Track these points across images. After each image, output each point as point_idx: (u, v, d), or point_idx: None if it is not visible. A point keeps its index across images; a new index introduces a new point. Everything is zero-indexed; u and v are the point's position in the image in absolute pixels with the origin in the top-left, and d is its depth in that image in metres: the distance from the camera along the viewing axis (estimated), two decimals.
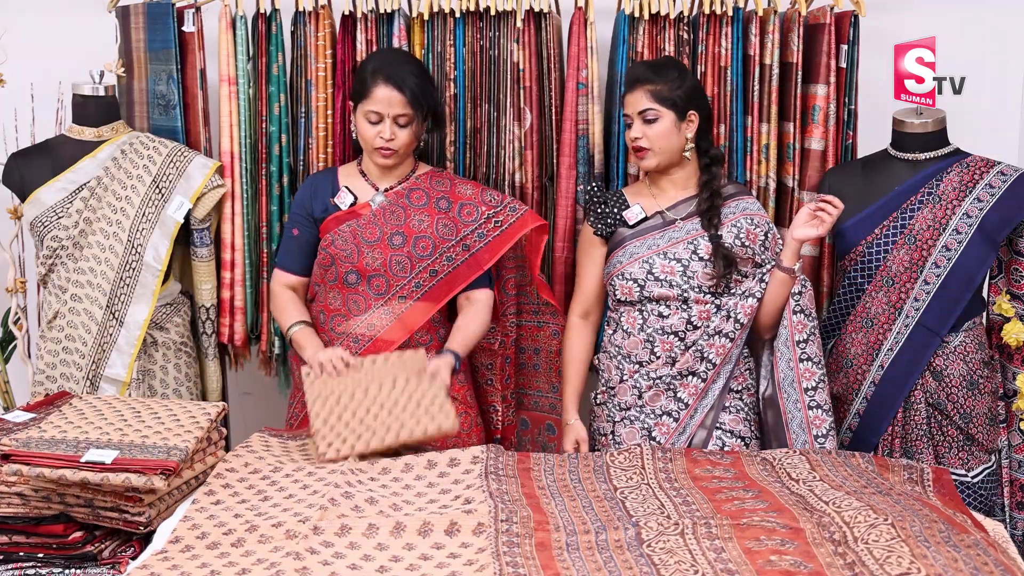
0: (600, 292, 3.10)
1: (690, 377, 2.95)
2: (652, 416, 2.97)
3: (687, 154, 2.99)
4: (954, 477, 3.05)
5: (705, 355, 2.94)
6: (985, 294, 3.18)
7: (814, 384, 2.92)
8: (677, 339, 2.95)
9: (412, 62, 3.11)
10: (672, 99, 2.94)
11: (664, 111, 2.94)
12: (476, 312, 3.10)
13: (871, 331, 3.11)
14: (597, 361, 3.11)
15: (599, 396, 3.06)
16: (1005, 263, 3.14)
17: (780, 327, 2.96)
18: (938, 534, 2.12)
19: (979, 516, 2.41)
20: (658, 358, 2.96)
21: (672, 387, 2.96)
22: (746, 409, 3.02)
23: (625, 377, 2.99)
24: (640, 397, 2.97)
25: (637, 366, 2.98)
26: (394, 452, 2.76)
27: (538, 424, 3.34)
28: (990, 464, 3.11)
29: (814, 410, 2.91)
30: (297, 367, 3.09)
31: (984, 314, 3.17)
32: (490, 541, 2.18)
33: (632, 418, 2.98)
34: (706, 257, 2.95)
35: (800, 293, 2.94)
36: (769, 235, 3.03)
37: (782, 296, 2.95)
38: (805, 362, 2.92)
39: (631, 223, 3.03)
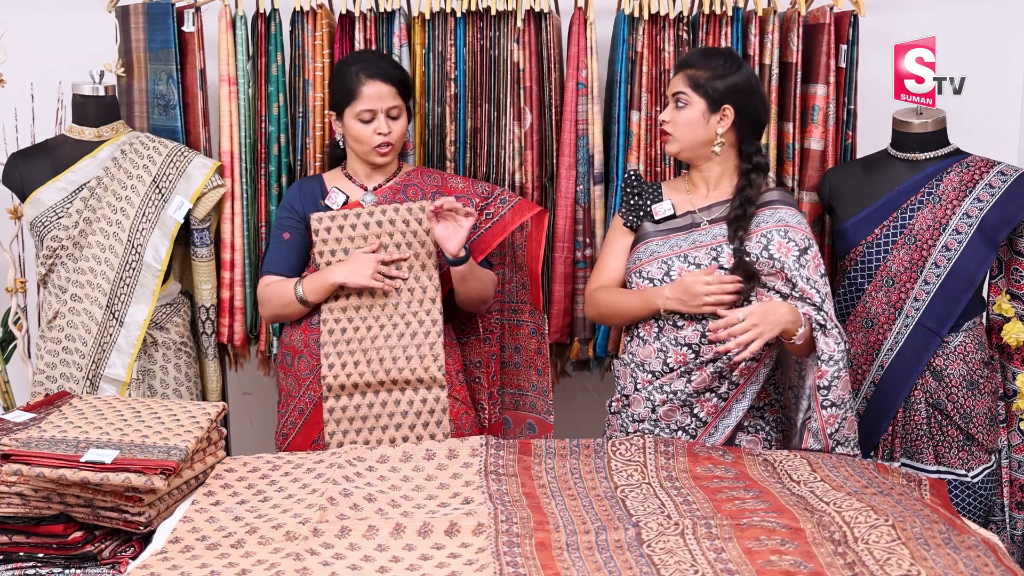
0: (619, 282, 2.94)
1: (708, 394, 2.79)
2: (666, 431, 2.81)
3: (716, 149, 2.83)
4: (954, 477, 3.05)
5: (725, 374, 2.76)
6: (985, 294, 3.18)
7: (835, 428, 2.71)
8: (691, 352, 2.78)
9: (385, 56, 3.15)
10: (706, 88, 2.79)
11: (695, 98, 2.80)
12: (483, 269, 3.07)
13: (871, 331, 3.11)
14: (613, 367, 2.99)
15: (614, 404, 2.92)
16: (1005, 263, 3.14)
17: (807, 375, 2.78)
18: (939, 535, 2.12)
19: (974, 526, 2.39)
20: (672, 371, 2.80)
21: (688, 403, 2.79)
22: (767, 428, 2.86)
23: (640, 387, 2.84)
24: (654, 411, 2.82)
25: (651, 376, 2.82)
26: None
27: (520, 423, 3.29)
28: (990, 464, 3.10)
29: (840, 446, 2.73)
30: (284, 375, 3.08)
31: (984, 314, 3.17)
32: (490, 541, 2.18)
33: (645, 431, 2.82)
34: (728, 267, 2.77)
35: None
36: (808, 253, 2.78)
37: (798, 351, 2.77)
38: (827, 408, 2.70)
39: (656, 218, 2.91)
